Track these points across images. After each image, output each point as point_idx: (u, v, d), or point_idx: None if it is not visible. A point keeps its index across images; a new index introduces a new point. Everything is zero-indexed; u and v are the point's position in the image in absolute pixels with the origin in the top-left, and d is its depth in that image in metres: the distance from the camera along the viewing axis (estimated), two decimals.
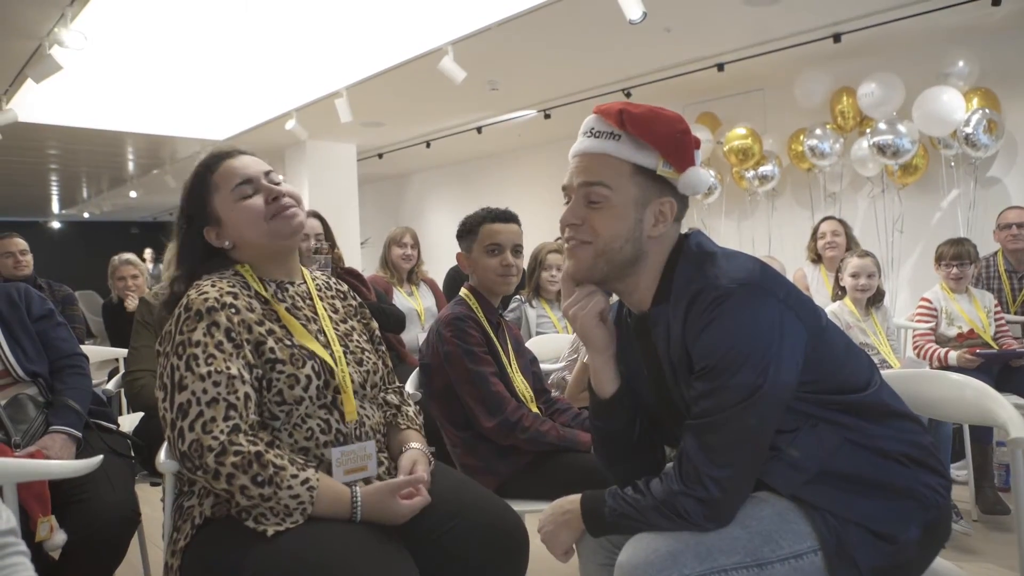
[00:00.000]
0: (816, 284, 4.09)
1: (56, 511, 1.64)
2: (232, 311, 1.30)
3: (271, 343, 1.32)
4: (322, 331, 1.42)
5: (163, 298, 1.44)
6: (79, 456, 1.83)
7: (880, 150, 4.60)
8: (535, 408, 2.04)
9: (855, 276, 3.14)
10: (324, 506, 1.23)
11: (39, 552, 1.61)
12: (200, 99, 6.43)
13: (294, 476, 1.22)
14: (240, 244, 1.42)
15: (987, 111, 4.30)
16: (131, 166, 9.32)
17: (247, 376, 1.27)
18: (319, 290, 1.52)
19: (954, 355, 3.09)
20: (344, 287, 1.61)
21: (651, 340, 1.22)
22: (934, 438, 1.78)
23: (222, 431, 1.21)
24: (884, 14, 4.21)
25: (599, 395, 1.29)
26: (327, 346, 1.40)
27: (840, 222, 4.09)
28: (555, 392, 2.35)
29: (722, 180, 5.77)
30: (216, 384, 1.23)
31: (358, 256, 7.59)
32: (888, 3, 4.11)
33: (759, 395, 1.06)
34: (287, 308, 1.40)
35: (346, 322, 1.52)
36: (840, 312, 3.16)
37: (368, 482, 1.36)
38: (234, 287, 1.35)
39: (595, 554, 1.30)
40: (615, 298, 1.32)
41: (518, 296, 3.58)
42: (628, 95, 5.52)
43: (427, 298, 3.84)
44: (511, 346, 2.11)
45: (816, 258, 4.15)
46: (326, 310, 1.48)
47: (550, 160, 7.52)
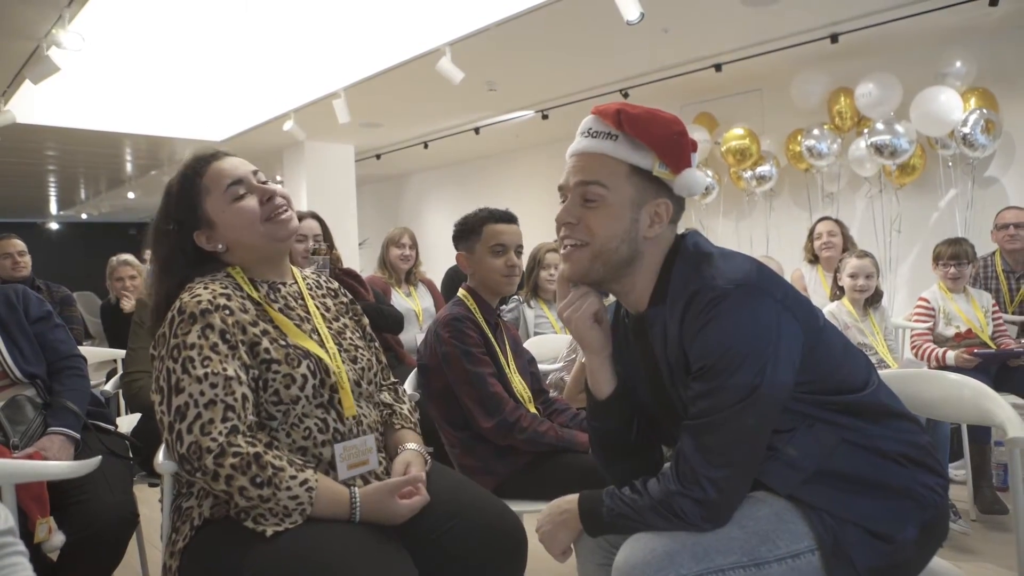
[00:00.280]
0: (813, 284, 4.08)
1: (55, 512, 1.64)
2: (226, 312, 1.30)
3: (266, 343, 1.32)
4: (316, 330, 1.42)
5: (152, 304, 1.42)
6: (77, 457, 1.83)
7: (878, 150, 4.60)
8: (533, 408, 2.04)
9: (854, 276, 3.14)
10: (323, 507, 1.23)
11: (38, 553, 1.61)
12: (198, 100, 6.43)
13: (293, 477, 1.22)
14: (233, 246, 1.41)
15: (984, 111, 4.30)
16: (129, 167, 9.30)
17: (244, 377, 1.27)
18: (310, 289, 1.52)
19: (952, 355, 3.10)
20: (334, 285, 1.61)
21: (648, 341, 1.22)
22: (932, 438, 1.78)
23: (220, 432, 1.21)
24: (881, 14, 4.21)
25: (596, 396, 1.29)
26: (322, 344, 1.40)
27: (836, 222, 4.09)
28: (553, 392, 2.35)
29: (720, 180, 5.76)
30: (213, 386, 1.23)
31: (356, 257, 7.58)
32: (885, 3, 4.11)
33: (756, 395, 1.07)
34: (279, 308, 1.40)
35: (338, 320, 1.52)
36: (838, 312, 3.16)
37: (369, 479, 1.37)
38: (227, 288, 1.34)
39: (593, 554, 1.31)
40: (613, 299, 1.33)
41: (516, 296, 3.57)
42: (626, 95, 5.52)
43: (425, 299, 3.84)
44: (509, 347, 2.12)
45: (813, 258, 4.14)
46: (318, 308, 1.48)
47: (548, 160, 7.52)
